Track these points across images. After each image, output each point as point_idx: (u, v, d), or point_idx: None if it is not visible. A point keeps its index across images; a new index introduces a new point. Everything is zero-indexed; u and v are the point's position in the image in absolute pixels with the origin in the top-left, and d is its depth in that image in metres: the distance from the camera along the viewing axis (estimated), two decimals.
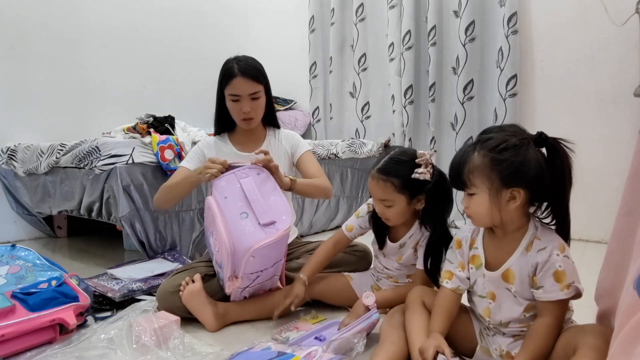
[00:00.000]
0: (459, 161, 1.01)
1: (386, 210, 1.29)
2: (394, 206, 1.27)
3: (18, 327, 1.17)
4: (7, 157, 2.51)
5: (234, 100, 1.55)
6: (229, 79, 1.53)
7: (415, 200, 1.28)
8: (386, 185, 1.24)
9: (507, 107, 2.63)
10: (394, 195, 1.25)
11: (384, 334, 1.16)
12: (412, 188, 1.25)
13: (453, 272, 1.12)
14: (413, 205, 1.29)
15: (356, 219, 1.46)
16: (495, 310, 1.05)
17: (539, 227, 1.02)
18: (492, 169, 0.96)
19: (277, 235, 1.26)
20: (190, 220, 2.14)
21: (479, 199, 0.99)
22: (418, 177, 1.21)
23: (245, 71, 1.52)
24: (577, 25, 2.44)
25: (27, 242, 2.77)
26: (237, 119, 1.60)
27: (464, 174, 0.99)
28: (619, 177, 2.26)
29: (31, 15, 2.76)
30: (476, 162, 0.97)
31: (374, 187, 1.27)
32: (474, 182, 0.98)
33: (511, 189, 0.96)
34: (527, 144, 0.96)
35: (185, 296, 1.35)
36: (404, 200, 1.26)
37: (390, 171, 1.25)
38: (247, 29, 4.08)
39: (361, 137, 3.42)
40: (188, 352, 1.19)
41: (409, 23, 2.98)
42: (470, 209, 1.02)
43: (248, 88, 1.53)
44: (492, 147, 0.96)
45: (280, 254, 1.36)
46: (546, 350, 0.96)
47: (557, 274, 0.96)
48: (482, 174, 0.97)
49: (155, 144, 1.98)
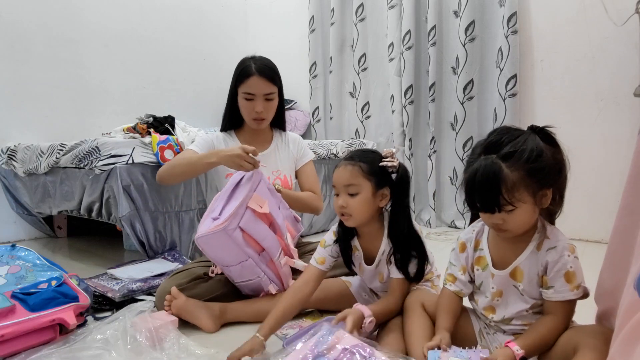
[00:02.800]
0: (491, 184, 0.91)
1: (350, 200, 1.20)
2: (360, 194, 1.20)
3: (18, 327, 1.17)
4: (7, 157, 2.51)
5: (248, 99, 1.55)
6: (245, 77, 1.53)
7: (380, 194, 1.23)
8: (354, 169, 1.21)
9: (507, 107, 2.63)
10: (360, 180, 1.20)
11: (380, 338, 1.17)
12: (379, 177, 1.22)
13: (456, 276, 1.12)
14: (377, 199, 1.23)
15: (324, 249, 1.32)
16: (501, 306, 1.05)
17: (547, 226, 1.02)
18: (529, 178, 0.92)
19: (209, 229, 1.29)
20: (190, 220, 2.14)
21: (522, 211, 0.94)
22: (386, 164, 1.21)
23: (262, 71, 1.53)
24: (577, 25, 2.44)
25: (27, 242, 2.77)
26: (248, 118, 1.59)
27: (502, 195, 0.91)
28: (619, 177, 2.26)
29: (31, 16, 2.76)
30: (513, 179, 0.91)
31: (341, 173, 1.22)
32: (518, 198, 0.92)
33: (544, 189, 0.95)
34: (540, 142, 0.95)
35: (174, 311, 1.35)
36: (370, 188, 1.21)
37: (359, 157, 1.23)
38: (247, 29, 4.07)
39: (361, 137, 3.42)
40: (183, 353, 1.18)
41: (408, 23, 2.98)
42: (509, 223, 0.95)
43: (263, 88, 1.54)
44: (524, 159, 0.92)
45: (238, 255, 1.34)
46: (546, 343, 0.96)
47: (568, 274, 0.96)
48: (522, 188, 0.92)
49: (155, 144, 1.98)
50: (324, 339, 0.98)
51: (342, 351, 0.94)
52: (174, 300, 1.35)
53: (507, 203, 0.92)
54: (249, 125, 1.63)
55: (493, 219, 0.96)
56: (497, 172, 0.91)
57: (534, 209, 0.97)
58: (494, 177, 0.91)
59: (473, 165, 0.95)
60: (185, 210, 2.12)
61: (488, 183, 0.92)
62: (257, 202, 1.38)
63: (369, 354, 0.94)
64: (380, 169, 1.22)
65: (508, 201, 0.91)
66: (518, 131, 0.98)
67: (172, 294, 1.36)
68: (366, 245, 1.30)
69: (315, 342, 0.97)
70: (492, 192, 0.92)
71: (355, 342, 0.97)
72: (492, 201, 0.92)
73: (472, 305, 1.15)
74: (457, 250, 1.14)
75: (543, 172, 0.93)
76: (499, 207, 0.92)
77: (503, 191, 0.91)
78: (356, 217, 1.22)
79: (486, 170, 0.92)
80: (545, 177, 0.94)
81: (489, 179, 0.92)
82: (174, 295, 1.36)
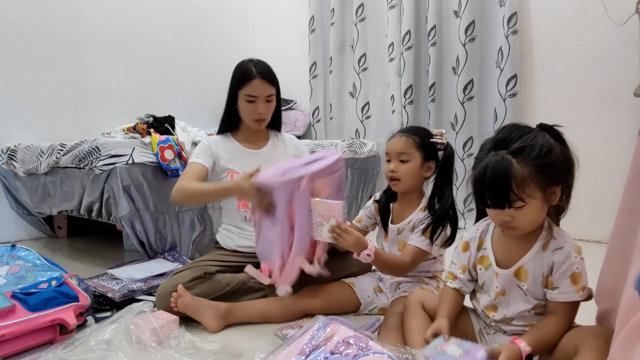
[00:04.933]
0: (501, 180, 0.91)
1: (400, 166, 1.36)
2: (410, 162, 1.36)
3: (18, 327, 1.17)
4: (7, 157, 2.51)
5: (250, 101, 1.59)
6: (247, 80, 1.57)
7: (427, 165, 1.39)
8: (408, 139, 1.37)
9: (507, 107, 2.63)
10: (412, 150, 1.36)
11: (380, 336, 1.18)
12: (428, 150, 1.38)
13: (456, 275, 1.13)
14: (424, 170, 1.39)
15: (363, 210, 1.54)
16: (504, 305, 1.05)
17: (553, 226, 1.02)
18: (539, 174, 0.92)
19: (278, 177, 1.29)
20: (190, 220, 2.14)
21: (531, 207, 0.94)
22: (436, 140, 1.36)
23: (263, 74, 1.58)
24: (577, 25, 2.44)
25: (27, 242, 2.77)
26: (249, 119, 1.63)
27: (512, 190, 0.91)
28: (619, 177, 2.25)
29: (31, 16, 2.76)
30: (523, 174, 0.91)
31: (395, 141, 1.38)
32: (528, 194, 0.92)
33: (553, 186, 0.95)
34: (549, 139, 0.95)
35: (180, 309, 1.35)
36: (419, 159, 1.37)
37: (413, 131, 1.40)
38: (247, 29, 4.07)
39: (361, 137, 3.42)
40: (190, 349, 1.19)
41: (408, 23, 2.98)
42: (518, 220, 0.95)
43: (265, 90, 1.59)
44: (534, 154, 0.92)
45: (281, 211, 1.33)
46: (551, 343, 0.95)
47: (574, 276, 0.96)
48: (532, 183, 0.92)
49: (155, 144, 1.98)
50: (319, 332, 0.99)
51: (339, 342, 0.95)
52: (180, 298, 1.36)
53: (517, 198, 0.92)
54: (249, 125, 1.66)
55: (502, 216, 0.96)
56: (508, 167, 0.91)
57: (543, 206, 0.96)
58: (505, 173, 0.91)
59: (483, 161, 0.95)
60: (186, 210, 2.12)
61: (498, 178, 0.91)
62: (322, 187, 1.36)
63: (365, 344, 0.94)
64: (430, 144, 1.37)
65: (518, 196, 0.92)
66: (527, 128, 0.98)
67: (178, 292, 1.36)
68: (397, 211, 1.46)
69: (312, 335, 0.98)
70: (503, 188, 0.91)
71: (351, 333, 0.98)
72: (502, 196, 0.92)
73: (473, 305, 1.16)
74: (459, 249, 1.14)
75: (553, 168, 0.93)
76: (509, 202, 0.92)
77: (513, 186, 0.91)
78: (404, 182, 1.38)
79: (496, 166, 0.92)
80: (555, 173, 0.94)
81: (500, 174, 0.91)
82: (181, 293, 1.36)
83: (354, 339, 0.95)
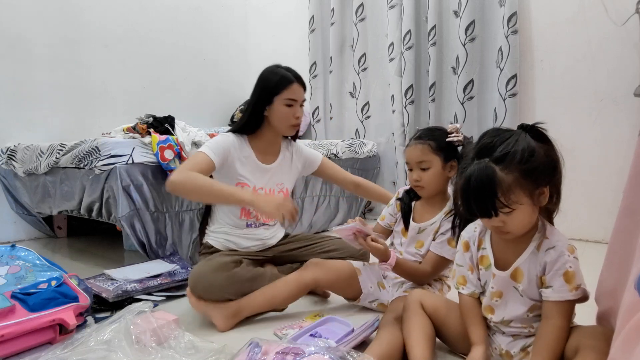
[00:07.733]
0: (486, 189, 0.91)
1: (422, 174, 1.36)
2: (431, 168, 1.35)
3: (18, 327, 1.17)
4: (7, 157, 2.51)
5: (290, 104, 1.58)
6: (288, 84, 1.57)
7: (449, 166, 1.37)
8: (424, 147, 1.36)
9: (507, 107, 2.63)
10: (430, 156, 1.35)
11: (380, 331, 1.19)
12: (446, 151, 1.36)
13: (465, 276, 1.11)
14: (446, 171, 1.37)
15: (387, 208, 1.55)
16: (501, 307, 1.05)
17: (547, 226, 1.02)
18: (524, 179, 0.92)
19: None
20: (190, 220, 2.14)
21: (520, 212, 0.93)
22: (452, 139, 1.34)
23: (300, 79, 1.61)
24: (577, 25, 2.44)
25: (27, 242, 2.78)
26: (286, 125, 1.61)
27: (498, 198, 0.91)
28: (619, 177, 2.26)
29: (31, 15, 2.76)
30: (508, 181, 0.91)
31: (412, 151, 1.37)
32: (514, 200, 0.91)
33: (540, 188, 0.95)
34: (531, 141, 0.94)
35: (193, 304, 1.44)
36: (440, 162, 1.35)
37: (426, 136, 1.38)
38: (247, 29, 4.07)
39: (361, 137, 3.42)
40: (190, 349, 1.20)
41: (409, 23, 2.98)
42: (510, 225, 0.95)
43: (302, 94, 1.62)
44: (516, 160, 0.91)
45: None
46: (559, 352, 0.94)
47: (567, 274, 0.96)
48: (518, 189, 0.91)
49: (155, 144, 1.98)
50: (254, 352, 1.01)
51: (275, 355, 0.98)
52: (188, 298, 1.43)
53: (503, 206, 0.91)
54: (283, 132, 1.64)
55: (493, 222, 0.96)
56: (491, 176, 0.91)
57: (533, 209, 0.96)
58: (489, 182, 0.91)
59: (467, 171, 0.95)
60: (186, 210, 2.12)
61: (483, 188, 0.92)
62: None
63: (301, 351, 0.97)
64: (447, 144, 1.35)
65: (505, 204, 0.91)
66: (508, 132, 0.97)
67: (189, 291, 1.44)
68: (419, 210, 1.45)
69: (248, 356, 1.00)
70: (488, 197, 0.91)
71: (285, 347, 1.00)
72: (488, 205, 0.92)
73: None
74: (461, 250, 1.13)
75: (537, 171, 0.93)
76: (495, 211, 0.92)
77: (499, 194, 0.91)
78: (428, 188, 1.38)
79: (480, 175, 0.92)
80: (540, 175, 0.94)
81: (484, 183, 0.91)
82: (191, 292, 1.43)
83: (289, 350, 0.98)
